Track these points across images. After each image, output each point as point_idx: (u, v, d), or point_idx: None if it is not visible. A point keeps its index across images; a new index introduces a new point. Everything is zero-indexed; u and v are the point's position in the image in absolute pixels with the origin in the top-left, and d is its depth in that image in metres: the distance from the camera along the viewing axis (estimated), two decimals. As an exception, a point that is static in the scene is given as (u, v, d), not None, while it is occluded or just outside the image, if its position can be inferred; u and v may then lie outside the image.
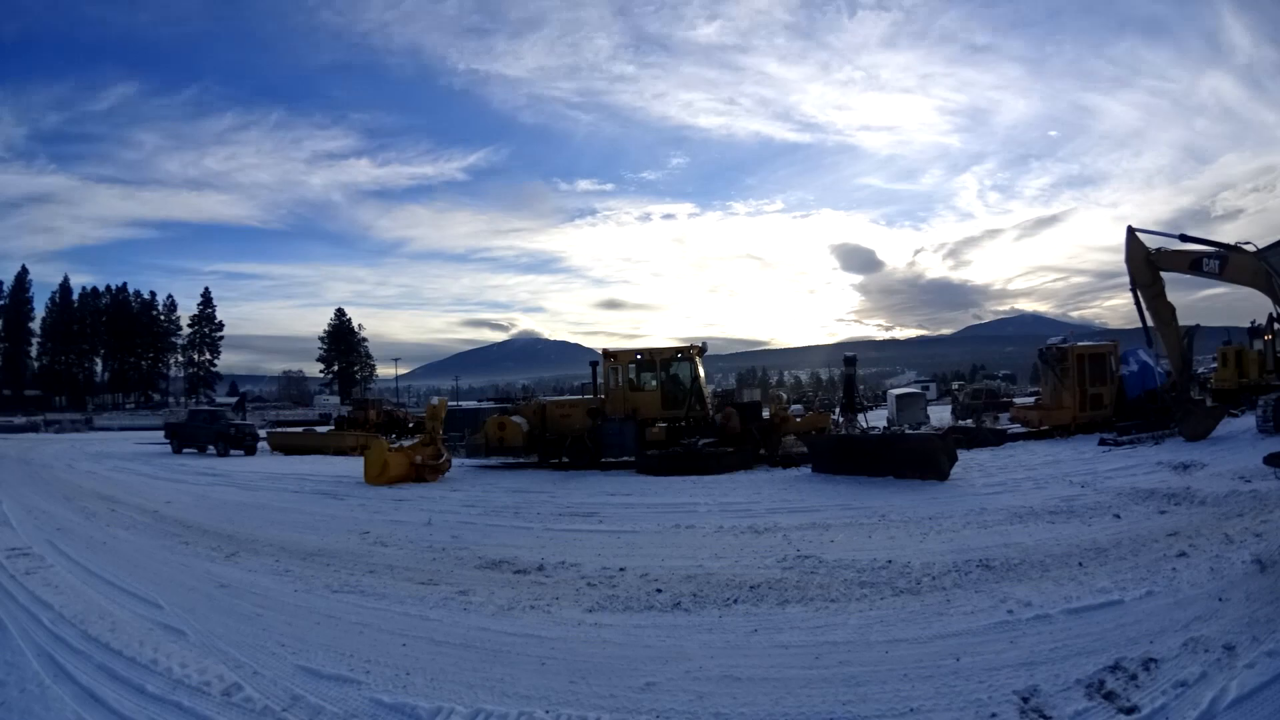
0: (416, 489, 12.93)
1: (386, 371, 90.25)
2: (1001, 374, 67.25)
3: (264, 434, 27.37)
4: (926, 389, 44.64)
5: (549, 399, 19.90)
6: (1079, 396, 17.37)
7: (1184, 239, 11.50)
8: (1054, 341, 19.24)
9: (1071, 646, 3.84)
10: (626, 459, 15.47)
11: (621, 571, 6.12)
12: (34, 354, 75.22)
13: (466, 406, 30.33)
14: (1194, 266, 11.32)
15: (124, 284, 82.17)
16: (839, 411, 17.72)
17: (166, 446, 25.22)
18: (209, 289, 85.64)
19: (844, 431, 15.80)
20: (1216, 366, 21.38)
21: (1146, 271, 12.68)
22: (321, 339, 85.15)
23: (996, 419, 21.80)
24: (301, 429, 33.38)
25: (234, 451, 23.53)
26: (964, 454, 12.40)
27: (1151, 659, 3.56)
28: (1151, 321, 13.11)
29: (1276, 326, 18.03)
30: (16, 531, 8.66)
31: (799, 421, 16.50)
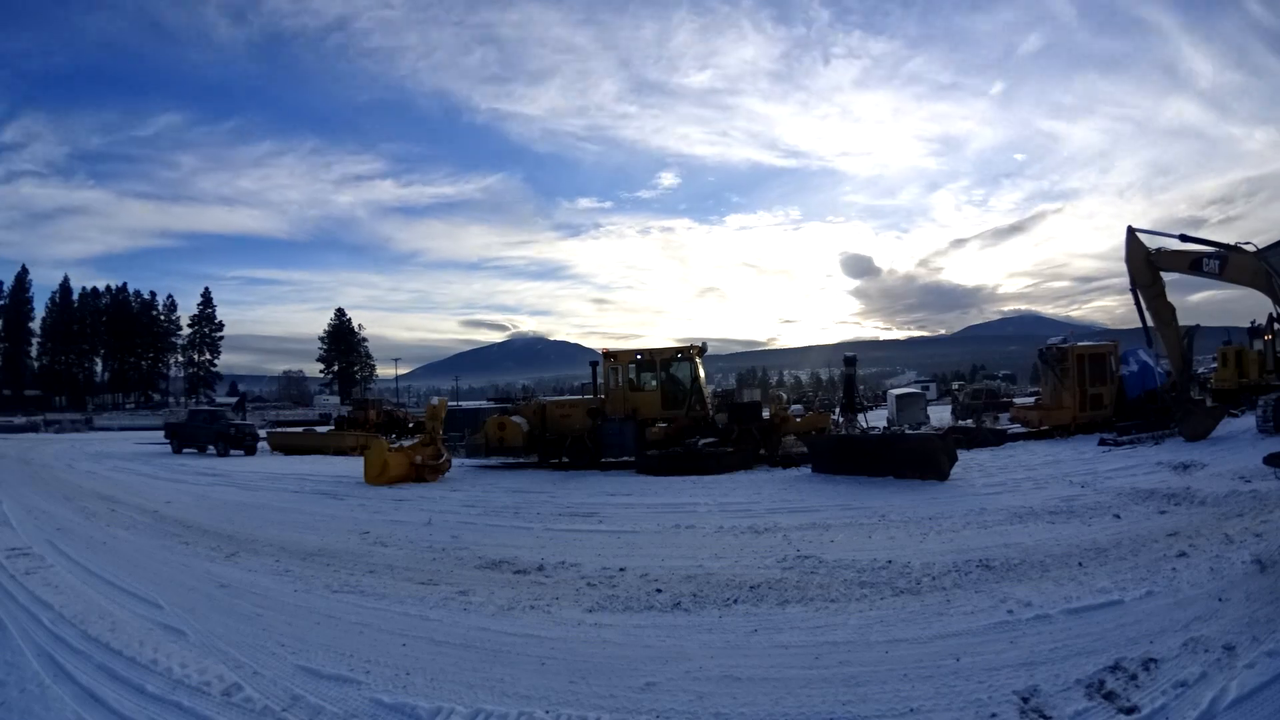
0: (416, 489, 12.93)
1: (386, 372, 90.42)
2: (1001, 374, 67.16)
3: (264, 434, 27.38)
4: (926, 389, 44.59)
5: (549, 399, 19.90)
6: (1079, 396, 17.36)
7: (1184, 239, 11.49)
8: (1054, 341, 19.24)
9: (1071, 646, 3.83)
10: (626, 459, 15.48)
11: (621, 571, 6.12)
12: (34, 354, 75.24)
13: (466, 407, 30.32)
14: (1194, 267, 11.31)
15: (124, 284, 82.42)
16: (839, 411, 17.71)
17: (166, 446, 25.23)
18: (209, 289, 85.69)
19: (844, 431, 15.80)
20: (1216, 366, 21.39)
21: (1146, 272, 12.67)
22: (321, 339, 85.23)
23: (996, 419, 21.78)
24: (301, 429, 33.37)
25: (234, 451, 23.55)
26: (964, 454, 12.40)
27: (1151, 659, 3.56)
28: (1151, 321, 13.10)
29: (1276, 326, 18.04)
30: (16, 531, 8.67)
31: (799, 421, 16.50)
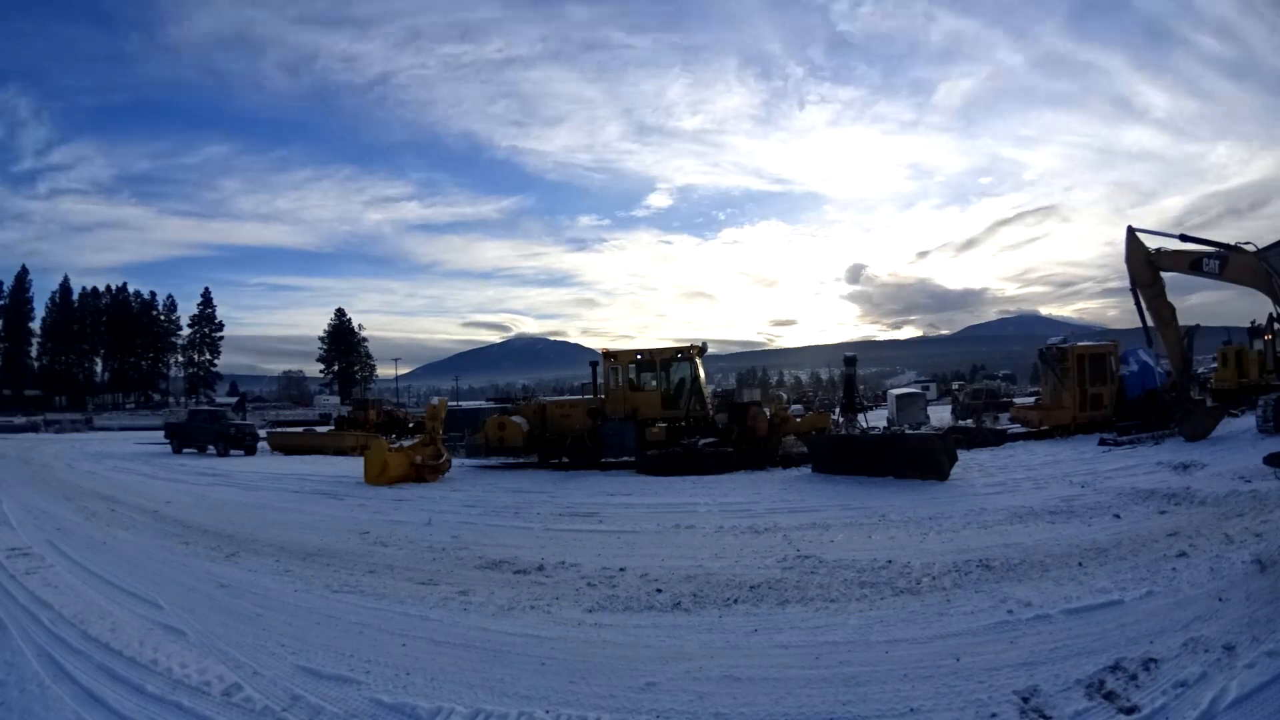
0: (416, 489, 12.93)
1: (386, 372, 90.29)
2: (1001, 374, 67.15)
3: (264, 434, 27.37)
4: (926, 389, 44.63)
5: (549, 399, 19.88)
6: (1079, 396, 17.35)
7: (1184, 239, 11.49)
8: (1054, 341, 19.23)
9: (1071, 646, 3.83)
10: (626, 459, 15.48)
11: (621, 571, 6.12)
12: (34, 354, 75.24)
13: (466, 407, 30.33)
14: (1194, 266, 11.29)
15: (124, 284, 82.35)
16: (839, 411, 17.68)
17: (166, 446, 25.23)
18: (209, 289, 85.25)
19: (844, 431, 15.78)
20: (1216, 366, 21.38)
21: (1146, 272, 12.66)
22: (321, 339, 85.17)
23: (996, 419, 21.76)
24: (301, 429, 33.38)
25: (234, 451, 23.54)
26: (964, 454, 12.40)
27: (1151, 659, 3.56)
28: (1151, 321, 13.10)
29: (1276, 326, 18.01)
30: (16, 531, 8.67)
31: (799, 421, 16.50)
